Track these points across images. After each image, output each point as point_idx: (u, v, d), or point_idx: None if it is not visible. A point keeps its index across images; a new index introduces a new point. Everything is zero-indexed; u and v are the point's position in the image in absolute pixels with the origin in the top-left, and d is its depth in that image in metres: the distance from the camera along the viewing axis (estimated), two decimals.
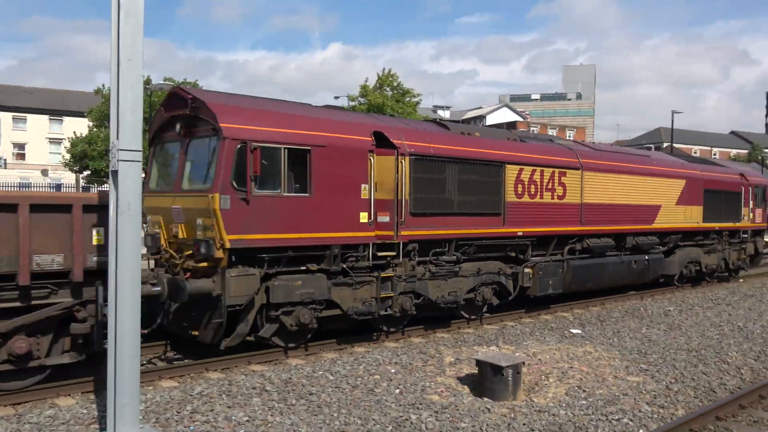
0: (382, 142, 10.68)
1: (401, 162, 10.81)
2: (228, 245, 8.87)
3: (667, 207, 16.96)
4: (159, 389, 8.52)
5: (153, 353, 10.27)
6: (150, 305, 8.95)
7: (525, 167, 13.04)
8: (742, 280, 21.07)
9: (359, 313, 10.54)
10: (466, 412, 7.75)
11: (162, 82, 43.53)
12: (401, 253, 10.93)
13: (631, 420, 7.70)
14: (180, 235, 9.47)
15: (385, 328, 11.37)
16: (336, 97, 57.35)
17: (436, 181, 11.39)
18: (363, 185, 10.36)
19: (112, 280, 6.20)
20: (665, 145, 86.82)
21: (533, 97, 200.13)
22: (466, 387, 8.78)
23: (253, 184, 9.07)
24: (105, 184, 44.15)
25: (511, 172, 12.74)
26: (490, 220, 12.43)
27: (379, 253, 10.65)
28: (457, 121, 12.24)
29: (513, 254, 13.17)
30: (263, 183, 9.28)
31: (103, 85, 46.57)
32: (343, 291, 10.35)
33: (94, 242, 8.07)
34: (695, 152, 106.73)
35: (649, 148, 77.62)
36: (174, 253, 9.53)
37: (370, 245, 10.54)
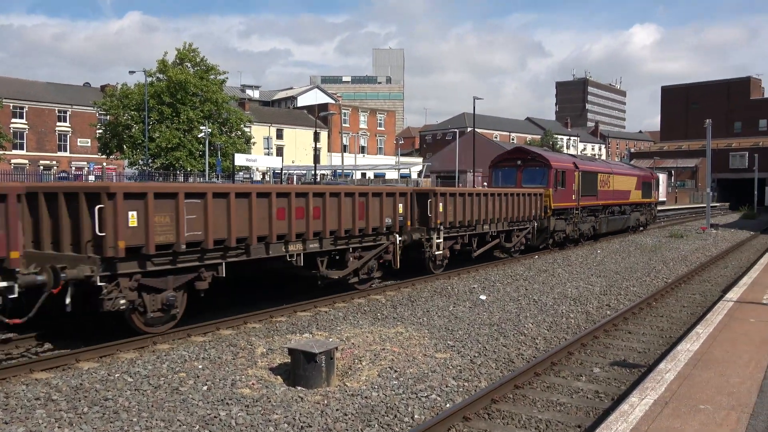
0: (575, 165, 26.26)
1: (578, 174, 25.97)
2: (553, 207, 23.56)
3: (632, 191, 33.32)
4: None
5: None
6: None
7: (600, 174, 28.58)
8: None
9: (570, 235, 25.79)
10: (278, 403, 7.74)
11: None
12: (579, 211, 26.41)
13: (439, 396, 8.21)
14: None
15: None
16: (131, 72, 53.67)
17: (584, 182, 26.41)
18: (572, 184, 25.25)
19: None
20: (468, 129, 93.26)
21: (344, 79, 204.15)
22: (279, 377, 8.77)
23: (558, 185, 23.93)
24: None
25: (598, 176, 28.32)
26: (593, 198, 27.73)
27: (575, 210, 25.94)
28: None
29: (596, 214, 28.49)
30: (558, 184, 24.03)
31: None
32: (566, 226, 25.31)
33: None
34: (495, 137, 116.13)
35: (455, 133, 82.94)
36: None
37: (574, 208, 25.63)
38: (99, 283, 9.46)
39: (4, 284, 8.54)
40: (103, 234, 9.42)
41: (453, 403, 8.01)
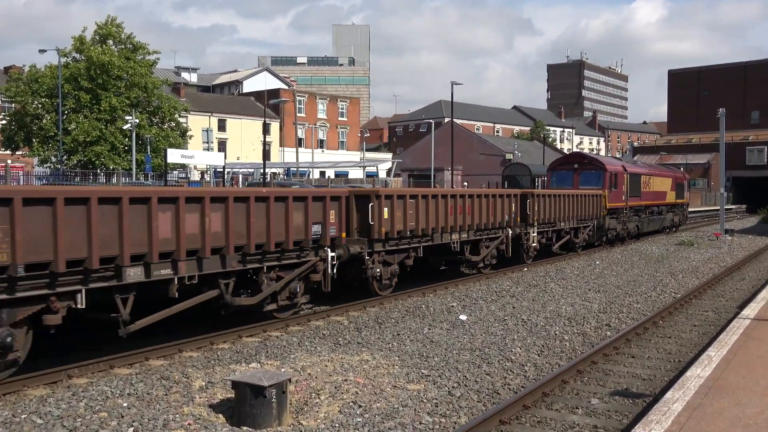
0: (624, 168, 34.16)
1: (626, 176, 33.27)
2: (607, 207, 30.91)
3: (667, 192, 40.82)
4: None
5: None
6: None
7: (643, 176, 35.62)
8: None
9: (620, 233, 32.98)
10: None
11: None
12: (627, 211, 33.88)
13: None
14: None
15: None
16: (42, 51, 52.77)
17: (631, 184, 33.52)
18: (623, 186, 32.84)
19: None
20: (446, 120, 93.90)
21: (299, 60, 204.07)
22: (220, 416, 8.71)
23: (612, 187, 31.59)
24: None
25: (641, 178, 35.45)
26: (637, 199, 34.80)
27: (624, 210, 33.48)
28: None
29: (640, 214, 35.65)
30: (612, 186, 31.68)
31: None
32: (617, 225, 32.43)
33: None
34: (478, 128, 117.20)
35: (430, 124, 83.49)
36: None
37: (624, 208, 33.15)
38: (366, 257, 15.84)
39: (333, 254, 14.82)
40: (372, 223, 15.77)
41: None
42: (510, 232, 22.14)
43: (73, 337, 11.72)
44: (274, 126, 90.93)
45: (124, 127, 52.79)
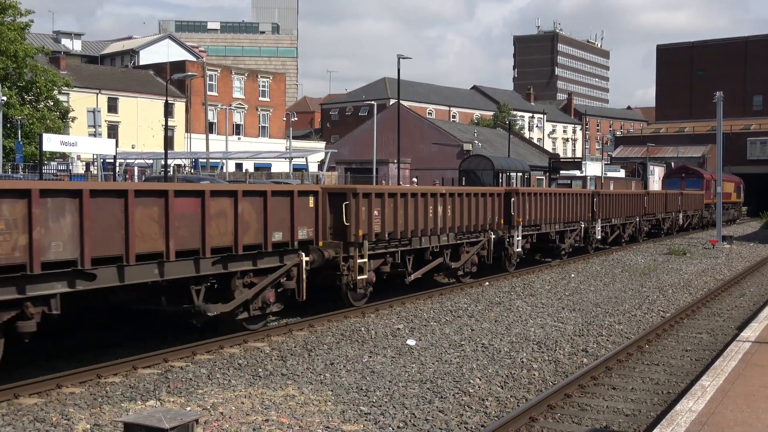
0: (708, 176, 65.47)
1: (713, 182, 57.12)
2: (704, 203, 62.13)
3: (732, 193, 69.51)
4: None
5: None
6: None
7: (709, 180, 64.26)
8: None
9: (708, 221, 62.24)
10: None
11: None
12: (712, 206, 57.54)
13: None
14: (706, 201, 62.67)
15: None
16: None
17: (710, 187, 63.29)
18: (711, 188, 61.06)
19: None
20: (392, 102, 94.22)
21: (211, 26, 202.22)
22: None
23: (706, 189, 63.11)
24: None
25: (711, 182, 63.63)
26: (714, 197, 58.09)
27: (711, 206, 59.70)
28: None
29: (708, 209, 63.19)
30: (706, 188, 63.17)
31: None
32: (707, 215, 62.52)
33: None
34: (430, 112, 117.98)
35: (372, 106, 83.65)
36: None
37: (711, 204, 58.27)
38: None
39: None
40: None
41: None
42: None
43: None
44: (179, 107, 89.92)
45: None
